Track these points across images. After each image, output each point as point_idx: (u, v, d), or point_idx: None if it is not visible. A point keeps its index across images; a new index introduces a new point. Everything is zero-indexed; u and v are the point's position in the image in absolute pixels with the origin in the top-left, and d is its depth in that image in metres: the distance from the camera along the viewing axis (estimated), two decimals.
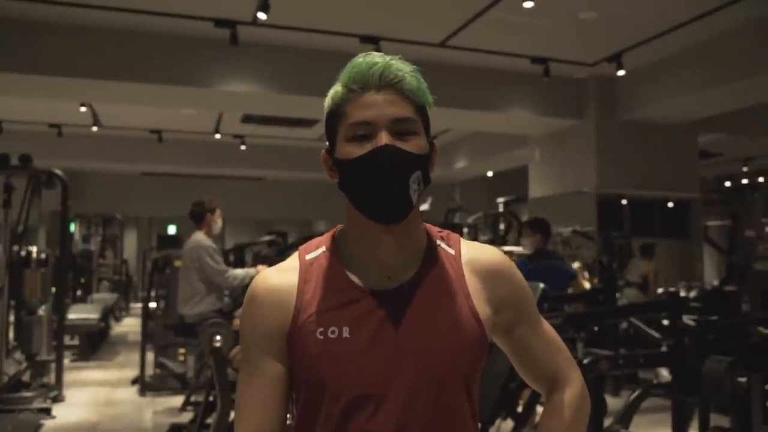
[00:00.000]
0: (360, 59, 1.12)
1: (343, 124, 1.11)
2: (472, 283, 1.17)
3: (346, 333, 1.10)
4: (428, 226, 1.23)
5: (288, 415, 1.17)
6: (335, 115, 1.13)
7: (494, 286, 1.19)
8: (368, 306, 1.12)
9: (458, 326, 1.13)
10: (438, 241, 1.21)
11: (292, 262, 1.19)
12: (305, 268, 1.17)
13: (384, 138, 1.07)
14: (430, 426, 1.10)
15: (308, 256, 1.19)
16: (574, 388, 1.26)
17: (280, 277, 1.17)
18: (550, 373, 1.27)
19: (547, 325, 1.28)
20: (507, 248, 6.44)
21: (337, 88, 1.14)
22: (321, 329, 1.10)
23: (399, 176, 1.08)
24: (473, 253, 1.21)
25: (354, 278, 1.14)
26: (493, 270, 1.21)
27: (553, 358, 1.27)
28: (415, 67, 1.14)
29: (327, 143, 1.17)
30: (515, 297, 1.22)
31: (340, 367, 1.09)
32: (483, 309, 1.16)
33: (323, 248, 1.19)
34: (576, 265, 6.82)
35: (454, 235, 1.24)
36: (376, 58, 1.12)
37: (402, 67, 1.11)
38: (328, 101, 1.15)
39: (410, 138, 1.10)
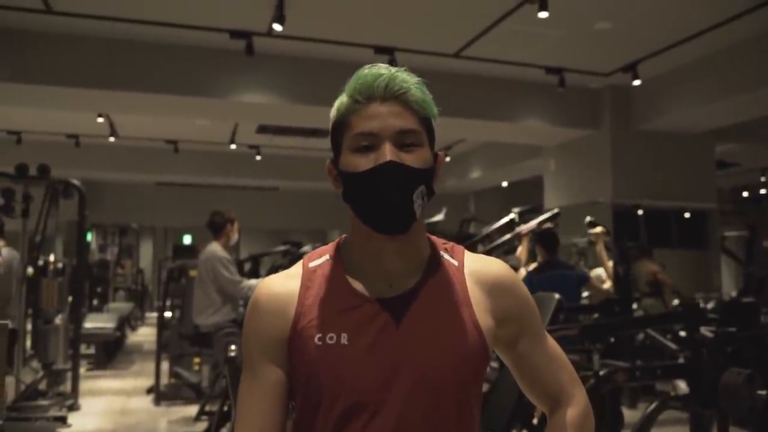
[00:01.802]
0: (366, 70, 1.13)
1: (347, 135, 1.12)
2: (475, 294, 1.17)
3: (344, 339, 1.10)
4: (433, 238, 1.24)
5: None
6: (340, 125, 1.14)
7: (498, 298, 1.19)
8: (368, 313, 1.12)
9: (459, 335, 1.12)
10: (441, 252, 1.21)
11: (295, 270, 1.21)
12: (308, 275, 1.19)
13: (388, 151, 1.08)
14: None
15: (312, 264, 1.21)
16: (577, 407, 1.24)
17: (282, 284, 1.19)
18: (553, 390, 1.25)
19: (551, 341, 1.27)
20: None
21: (342, 99, 1.14)
22: (320, 335, 1.11)
23: (403, 192, 1.09)
24: (477, 265, 1.21)
25: (356, 285, 1.15)
26: (497, 282, 1.20)
27: (556, 374, 1.25)
28: (420, 79, 1.15)
29: (332, 153, 1.18)
30: (519, 310, 1.21)
31: (338, 373, 1.09)
32: (485, 320, 1.16)
33: (327, 256, 1.21)
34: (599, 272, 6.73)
35: (459, 247, 1.25)
36: (382, 69, 1.12)
37: (407, 79, 1.12)
38: (333, 112, 1.16)
39: (414, 150, 1.10)
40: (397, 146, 1.09)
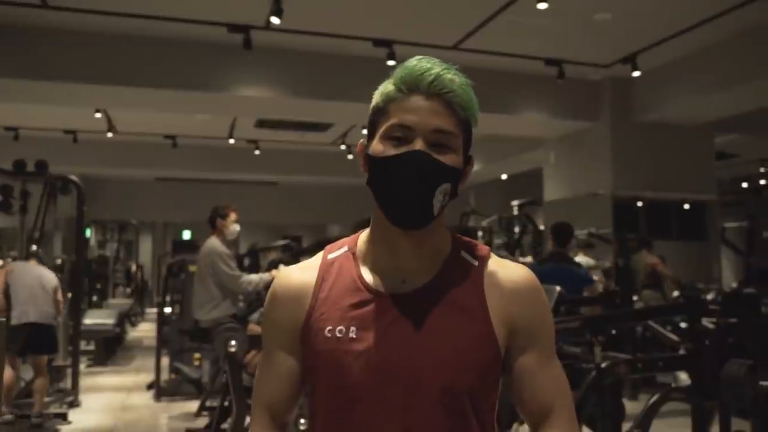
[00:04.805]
0: (415, 61, 1.12)
1: (384, 122, 1.11)
2: (490, 297, 1.14)
3: (352, 333, 1.11)
4: (458, 236, 1.22)
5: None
6: (380, 111, 1.12)
7: (513, 305, 1.14)
8: (379, 308, 1.12)
9: (468, 336, 1.10)
10: (462, 252, 1.18)
11: (314, 261, 1.22)
12: (325, 267, 1.20)
13: (419, 145, 1.07)
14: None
15: (330, 256, 1.22)
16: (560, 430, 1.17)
17: (300, 275, 1.21)
18: (545, 411, 1.17)
19: (557, 363, 1.20)
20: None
21: (387, 85, 1.13)
22: (329, 327, 1.13)
23: (426, 184, 1.07)
24: (499, 269, 1.18)
25: (369, 280, 1.15)
26: (515, 289, 1.16)
27: (552, 396, 1.17)
28: (468, 81, 1.13)
29: (366, 136, 1.16)
30: (532, 322, 1.16)
31: (343, 365, 1.10)
32: (498, 325, 1.13)
33: (345, 248, 1.22)
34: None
35: (484, 248, 1.21)
36: (433, 64, 1.11)
37: (455, 79, 1.11)
38: (376, 95, 1.14)
39: (445, 152, 1.08)
40: (429, 144, 1.07)
